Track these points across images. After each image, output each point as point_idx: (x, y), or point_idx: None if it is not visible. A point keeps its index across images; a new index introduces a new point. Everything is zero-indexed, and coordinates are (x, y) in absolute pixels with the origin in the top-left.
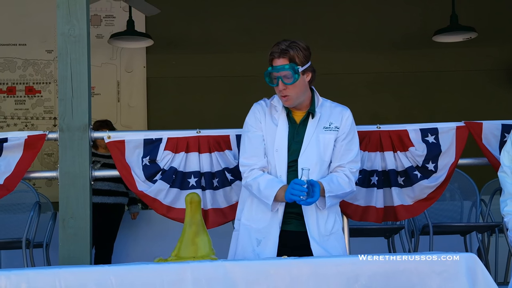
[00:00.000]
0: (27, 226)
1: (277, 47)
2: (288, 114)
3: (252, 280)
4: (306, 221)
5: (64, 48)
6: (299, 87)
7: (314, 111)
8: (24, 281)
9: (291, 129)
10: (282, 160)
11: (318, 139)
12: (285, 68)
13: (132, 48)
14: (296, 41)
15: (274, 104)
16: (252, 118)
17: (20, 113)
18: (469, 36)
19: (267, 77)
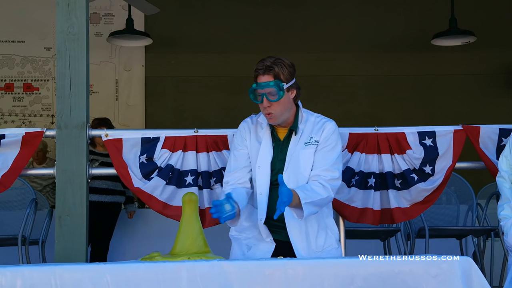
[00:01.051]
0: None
1: (262, 64)
2: (273, 131)
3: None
4: (289, 235)
5: (63, 46)
6: (283, 104)
7: (296, 128)
8: (19, 277)
9: (276, 147)
10: (264, 177)
11: (298, 156)
12: (270, 85)
13: (131, 47)
14: (281, 58)
15: (260, 121)
16: (238, 136)
17: (18, 110)
18: (468, 40)
19: (251, 93)
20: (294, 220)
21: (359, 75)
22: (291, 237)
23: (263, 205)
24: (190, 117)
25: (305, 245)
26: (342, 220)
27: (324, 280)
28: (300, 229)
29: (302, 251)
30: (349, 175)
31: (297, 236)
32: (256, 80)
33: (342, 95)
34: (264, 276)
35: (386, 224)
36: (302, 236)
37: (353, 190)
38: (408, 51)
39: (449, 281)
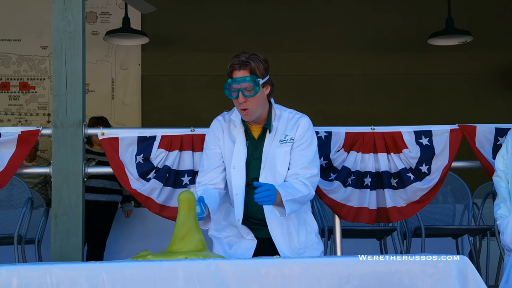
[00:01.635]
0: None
1: (237, 59)
2: (246, 130)
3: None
4: (271, 233)
5: (59, 44)
6: (259, 100)
7: (269, 126)
8: (15, 276)
9: (250, 146)
10: (240, 177)
11: (274, 154)
12: (246, 80)
13: (127, 46)
14: (255, 53)
15: (233, 119)
16: (211, 135)
17: (14, 109)
18: (465, 39)
19: (226, 89)
20: (274, 217)
21: (355, 74)
22: (273, 234)
23: (239, 205)
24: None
25: (287, 243)
26: (338, 219)
27: (321, 279)
28: (282, 226)
29: (284, 249)
30: (345, 174)
31: (279, 234)
32: (231, 76)
33: (338, 94)
34: (260, 275)
35: (382, 223)
36: (284, 234)
37: (349, 190)
38: (404, 51)
39: (445, 280)
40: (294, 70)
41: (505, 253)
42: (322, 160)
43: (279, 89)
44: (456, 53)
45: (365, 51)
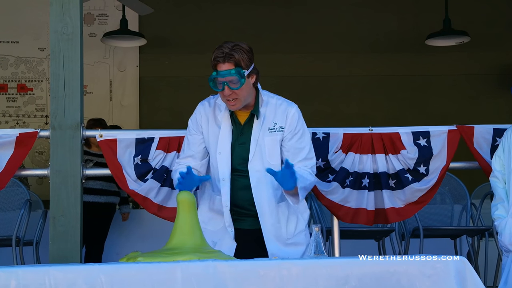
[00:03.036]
0: (17, 224)
1: (220, 51)
2: (232, 114)
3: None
4: (261, 222)
5: (57, 46)
6: (245, 91)
7: (257, 113)
8: (13, 278)
9: (235, 130)
10: (225, 163)
11: (263, 142)
12: (231, 73)
13: (125, 47)
14: (238, 43)
15: (218, 103)
16: (193, 120)
17: (12, 111)
18: (462, 40)
19: (211, 82)
20: (266, 206)
21: (353, 75)
22: (263, 223)
23: (226, 191)
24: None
25: (276, 232)
26: (336, 220)
27: (319, 280)
28: (272, 215)
29: (271, 238)
30: (344, 175)
31: (268, 223)
32: (216, 68)
33: (336, 95)
34: (258, 276)
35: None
36: (274, 223)
37: (347, 191)
38: (402, 51)
39: (443, 281)
40: (291, 71)
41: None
42: (320, 161)
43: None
44: (453, 54)
45: (362, 51)
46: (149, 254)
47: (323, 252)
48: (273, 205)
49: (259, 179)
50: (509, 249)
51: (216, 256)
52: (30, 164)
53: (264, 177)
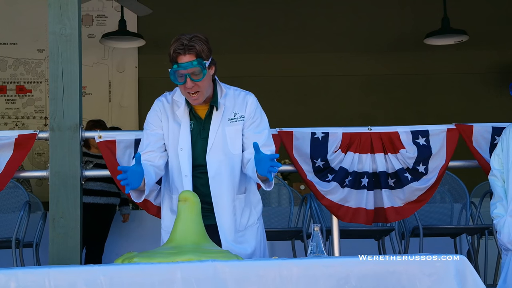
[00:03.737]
0: (17, 225)
1: (180, 43)
2: (191, 110)
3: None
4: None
5: (56, 47)
6: (207, 82)
7: (216, 104)
8: (13, 280)
9: (196, 125)
10: (187, 159)
11: (224, 132)
12: (193, 64)
13: (123, 48)
14: (196, 34)
15: (176, 100)
16: (153, 115)
17: (11, 112)
18: (461, 39)
19: (171, 75)
20: (222, 199)
21: (352, 74)
22: (218, 217)
23: (189, 187)
24: None
25: (231, 225)
26: (336, 220)
27: (319, 280)
28: (228, 208)
29: (227, 231)
30: (343, 175)
31: (225, 216)
32: (176, 61)
33: (335, 95)
34: (258, 276)
35: (380, 223)
36: (230, 216)
37: (347, 190)
38: (401, 51)
39: (443, 280)
40: (290, 71)
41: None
42: (319, 161)
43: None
44: (452, 53)
45: (361, 51)
46: (146, 254)
47: (323, 251)
48: (230, 198)
49: (217, 170)
50: (508, 247)
51: (217, 255)
52: (30, 166)
53: (224, 167)
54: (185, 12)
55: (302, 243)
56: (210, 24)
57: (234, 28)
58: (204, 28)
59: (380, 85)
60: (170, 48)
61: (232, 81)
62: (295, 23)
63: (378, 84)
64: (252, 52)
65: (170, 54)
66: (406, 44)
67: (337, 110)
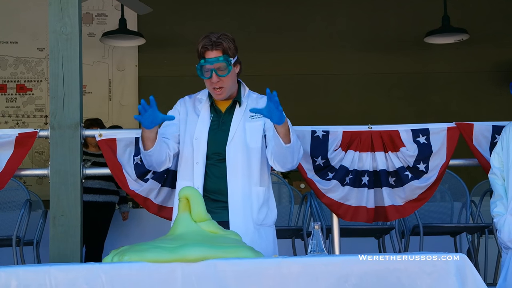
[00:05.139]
0: (18, 223)
1: (208, 39)
2: (212, 104)
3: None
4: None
5: (56, 46)
6: (231, 79)
7: (240, 100)
8: (14, 278)
9: (216, 118)
10: (202, 147)
11: (244, 127)
12: (219, 60)
13: (124, 47)
14: (224, 33)
15: (198, 97)
16: (172, 110)
17: (11, 111)
18: (461, 37)
19: (198, 70)
20: (238, 191)
21: (352, 73)
22: (232, 211)
23: (200, 174)
24: None
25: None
26: (336, 219)
27: (319, 278)
28: (244, 201)
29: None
30: (343, 173)
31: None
32: (204, 56)
33: (335, 93)
34: (259, 274)
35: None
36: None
37: (347, 189)
38: (401, 49)
39: (444, 278)
40: (290, 69)
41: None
42: (319, 159)
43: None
44: (452, 51)
45: (361, 50)
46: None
47: (323, 250)
48: (247, 190)
49: (236, 161)
50: (508, 246)
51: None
52: (30, 164)
53: (242, 159)
54: (185, 11)
55: (302, 242)
56: (209, 23)
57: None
58: (204, 27)
59: (380, 84)
60: (198, 44)
61: None
62: (295, 22)
63: (379, 83)
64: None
65: (198, 50)
66: (406, 42)
67: (337, 109)
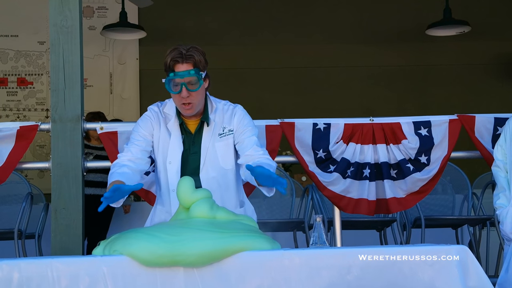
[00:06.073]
0: (19, 216)
1: (178, 52)
2: (182, 124)
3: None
4: None
5: (57, 39)
6: (201, 94)
7: (207, 120)
8: (16, 270)
9: (187, 140)
10: (175, 172)
11: (214, 148)
12: (190, 73)
13: (125, 40)
14: (194, 45)
15: (166, 112)
16: (145, 121)
17: (12, 105)
18: (463, 30)
19: (167, 84)
20: None
21: (353, 66)
22: None
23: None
24: None
25: None
26: (338, 211)
27: (321, 270)
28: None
29: None
30: (344, 166)
31: None
32: (173, 69)
33: (336, 86)
34: (261, 266)
35: (382, 214)
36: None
37: (349, 181)
38: (402, 42)
39: (445, 270)
40: (291, 62)
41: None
42: (321, 152)
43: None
44: (454, 44)
45: (362, 42)
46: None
47: (325, 242)
48: None
49: (211, 187)
50: (510, 237)
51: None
52: (32, 158)
53: (217, 182)
54: (186, 4)
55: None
56: (210, 16)
57: (234, 20)
58: (205, 19)
59: (381, 77)
60: (166, 57)
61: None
62: (296, 15)
63: (380, 75)
64: (252, 44)
65: (166, 63)
66: (408, 35)
67: (338, 102)
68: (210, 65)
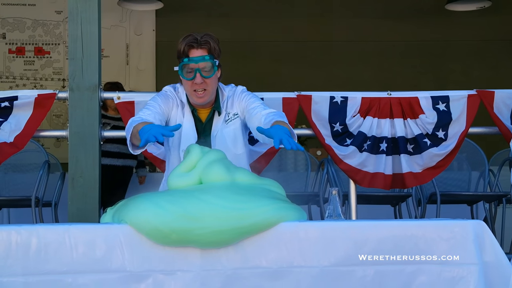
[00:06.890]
0: (36, 184)
1: (193, 37)
2: (193, 112)
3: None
4: None
5: (75, 8)
6: (214, 83)
7: (219, 109)
8: (34, 236)
9: (198, 128)
10: None
11: (223, 135)
12: (205, 59)
13: (141, 11)
14: (209, 33)
15: (180, 97)
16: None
17: (29, 74)
18: (483, 5)
19: (180, 70)
20: None
21: (371, 40)
22: None
23: None
24: None
25: None
26: (354, 185)
27: (337, 243)
28: None
29: None
30: (361, 139)
31: None
32: (188, 55)
33: (353, 61)
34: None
35: (397, 189)
36: None
37: (365, 155)
38: (421, 17)
39: (461, 244)
40: (309, 35)
41: None
42: (338, 125)
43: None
44: (474, 19)
45: (381, 17)
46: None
47: (340, 215)
48: None
49: None
50: None
51: None
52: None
53: None
54: None
55: (318, 208)
56: None
57: None
58: None
59: (400, 52)
60: (180, 43)
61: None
62: None
63: (398, 50)
64: (271, 17)
65: (180, 49)
66: (427, 10)
67: (355, 76)
68: (227, 37)
